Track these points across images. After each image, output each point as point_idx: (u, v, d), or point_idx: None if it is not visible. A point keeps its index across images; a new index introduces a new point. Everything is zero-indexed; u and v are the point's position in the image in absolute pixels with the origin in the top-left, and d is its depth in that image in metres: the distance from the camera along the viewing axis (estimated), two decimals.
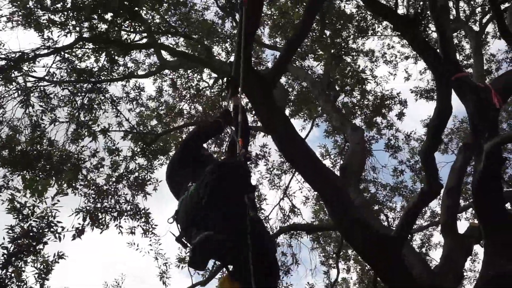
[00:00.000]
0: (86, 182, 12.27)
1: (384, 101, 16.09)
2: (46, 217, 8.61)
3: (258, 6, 6.75)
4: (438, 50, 7.89)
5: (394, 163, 16.98)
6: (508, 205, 9.90)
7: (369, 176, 16.25)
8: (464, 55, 15.60)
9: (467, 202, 15.60)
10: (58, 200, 8.74)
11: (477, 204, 7.62)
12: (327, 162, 16.40)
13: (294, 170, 14.54)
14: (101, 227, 11.77)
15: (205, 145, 5.12)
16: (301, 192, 16.80)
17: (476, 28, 14.14)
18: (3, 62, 11.51)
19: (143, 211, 12.40)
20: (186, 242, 4.01)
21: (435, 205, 16.78)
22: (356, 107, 16.25)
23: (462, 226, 18.04)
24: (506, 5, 11.99)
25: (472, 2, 14.86)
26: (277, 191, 15.98)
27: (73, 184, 11.80)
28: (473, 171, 10.09)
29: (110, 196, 12.41)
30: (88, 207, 11.76)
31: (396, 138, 16.13)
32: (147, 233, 12.43)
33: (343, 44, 14.72)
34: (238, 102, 4.99)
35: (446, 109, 7.84)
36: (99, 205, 12.10)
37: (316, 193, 14.41)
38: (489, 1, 9.30)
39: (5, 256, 8.18)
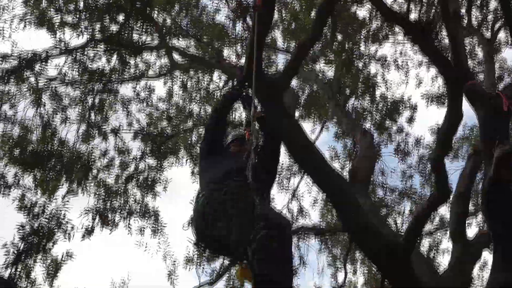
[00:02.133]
0: (96, 182, 12.32)
1: (395, 106, 16.05)
2: (56, 216, 8.68)
3: (271, 10, 6.78)
4: (449, 57, 7.91)
5: (403, 167, 16.89)
6: None
7: (377, 180, 16.22)
8: (476, 61, 15.52)
9: (476, 208, 15.53)
10: (68, 200, 8.80)
11: (486, 211, 7.60)
12: (336, 165, 16.39)
13: (303, 172, 14.54)
14: (110, 227, 11.81)
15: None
16: (310, 194, 16.78)
17: (488, 35, 14.07)
18: (15, 62, 11.59)
19: (152, 211, 12.44)
20: (203, 246, 4.11)
21: (444, 211, 16.74)
22: (366, 112, 16.23)
23: (471, 232, 17.97)
24: None
25: (484, 9, 14.78)
26: (285, 193, 15.97)
27: (83, 184, 11.83)
28: (482, 178, 10.09)
29: (119, 196, 12.46)
30: (97, 207, 11.81)
31: (406, 142, 16.09)
32: (156, 233, 12.47)
33: (354, 49, 14.71)
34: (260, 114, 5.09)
35: (456, 115, 7.85)
36: (108, 205, 12.14)
37: (324, 195, 14.44)
38: (501, 8, 9.28)
39: (15, 253, 8.24)
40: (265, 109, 5.54)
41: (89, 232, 11.13)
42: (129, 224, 12.12)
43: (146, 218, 12.41)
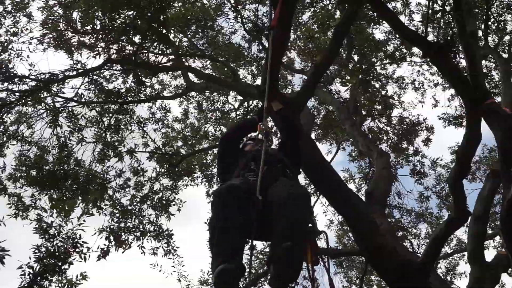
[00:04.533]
0: (111, 202, 12.32)
1: (411, 127, 16.00)
2: (72, 238, 8.65)
3: (286, 30, 6.77)
4: (467, 77, 7.85)
5: (419, 189, 16.80)
6: None
7: (394, 202, 16.10)
8: (493, 83, 15.43)
9: (495, 230, 15.38)
10: (84, 220, 8.77)
11: (505, 232, 7.50)
12: (352, 187, 16.30)
13: (319, 193, 14.46)
14: (124, 246, 11.76)
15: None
16: (325, 215, 16.72)
17: (505, 55, 14.03)
18: (33, 83, 11.69)
19: (166, 232, 12.38)
20: None
21: (462, 233, 16.58)
22: (383, 132, 16.18)
23: (490, 254, 17.76)
24: None
25: (500, 27, 14.74)
26: None
27: (99, 204, 11.84)
28: (501, 199, 9.96)
29: (134, 216, 12.43)
30: (112, 227, 11.80)
31: (422, 164, 15.98)
32: (167, 254, 12.39)
33: (371, 69, 14.70)
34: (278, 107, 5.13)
35: (475, 136, 7.77)
36: (122, 224, 12.12)
37: (340, 217, 14.32)
38: None
39: (31, 275, 8.19)
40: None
41: (105, 253, 11.12)
42: (142, 245, 12.06)
43: (160, 239, 12.33)
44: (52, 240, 8.58)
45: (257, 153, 4.37)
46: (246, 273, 3.67)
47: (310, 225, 4.00)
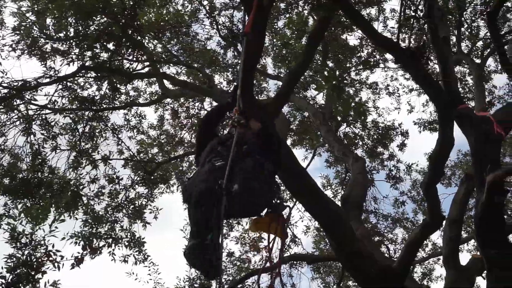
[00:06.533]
0: (85, 209, 12.18)
1: (386, 132, 16.08)
2: (44, 246, 8.52)
3: (260, 36, 6.77)
4: (440, 82, 7.92)
5: (395, 194, 16.88)
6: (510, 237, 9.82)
7: (370, 207, 16.15)
8: (467, 88, 15.60)
9: (469, 234, 15.50)
10: (56, 227, 8.64)
11: (479, 236, 7.56)
12: (328, 192, 16.34)
13: (295, 199, 14.46)
14: (94, 253, 11.57)
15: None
16: (302, 221, 16.71)
17: (478, 60, 14.20)
18: (5, 91, 11.54)
19: (138, 240, 12.20)
20: None
21: (437, 237, 16.69)
22: (358, 138, 16.24)
23: (464, 258, 17.90)
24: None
25: (473, 33, 14.92)
26: None
27: (72, 210, 11.68)
28: (475, 203, 10.06)
29: (107, 224, 12.27)
30: (83, 232, 11.59)
31: (397, 169, 16.06)
32: (139, 262, 12.25)
33: (345, 75, 14.76)
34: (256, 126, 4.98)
35: (448, 141, 7.83)
36: (95, 232, 11.94)
37: (317, 223, 14.34)
38: (490, 35, 9.35)
39: (3, 286, 8.07)
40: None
41: (79, 261, 10.96)
42: (113, 251, 11.88)
43: (132, 246, 12.15)
44: (24, 248, 8.45)
45: (224, 136, 4.29)
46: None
47: (277, 200, 3.99)
